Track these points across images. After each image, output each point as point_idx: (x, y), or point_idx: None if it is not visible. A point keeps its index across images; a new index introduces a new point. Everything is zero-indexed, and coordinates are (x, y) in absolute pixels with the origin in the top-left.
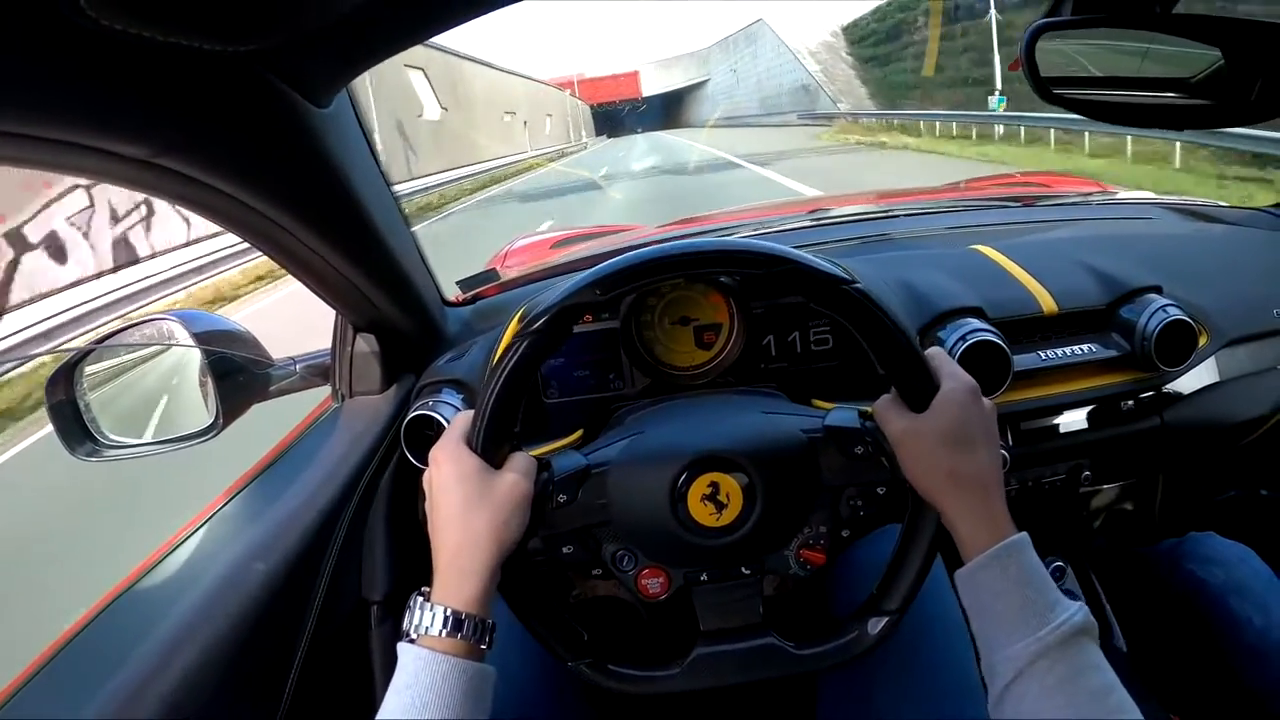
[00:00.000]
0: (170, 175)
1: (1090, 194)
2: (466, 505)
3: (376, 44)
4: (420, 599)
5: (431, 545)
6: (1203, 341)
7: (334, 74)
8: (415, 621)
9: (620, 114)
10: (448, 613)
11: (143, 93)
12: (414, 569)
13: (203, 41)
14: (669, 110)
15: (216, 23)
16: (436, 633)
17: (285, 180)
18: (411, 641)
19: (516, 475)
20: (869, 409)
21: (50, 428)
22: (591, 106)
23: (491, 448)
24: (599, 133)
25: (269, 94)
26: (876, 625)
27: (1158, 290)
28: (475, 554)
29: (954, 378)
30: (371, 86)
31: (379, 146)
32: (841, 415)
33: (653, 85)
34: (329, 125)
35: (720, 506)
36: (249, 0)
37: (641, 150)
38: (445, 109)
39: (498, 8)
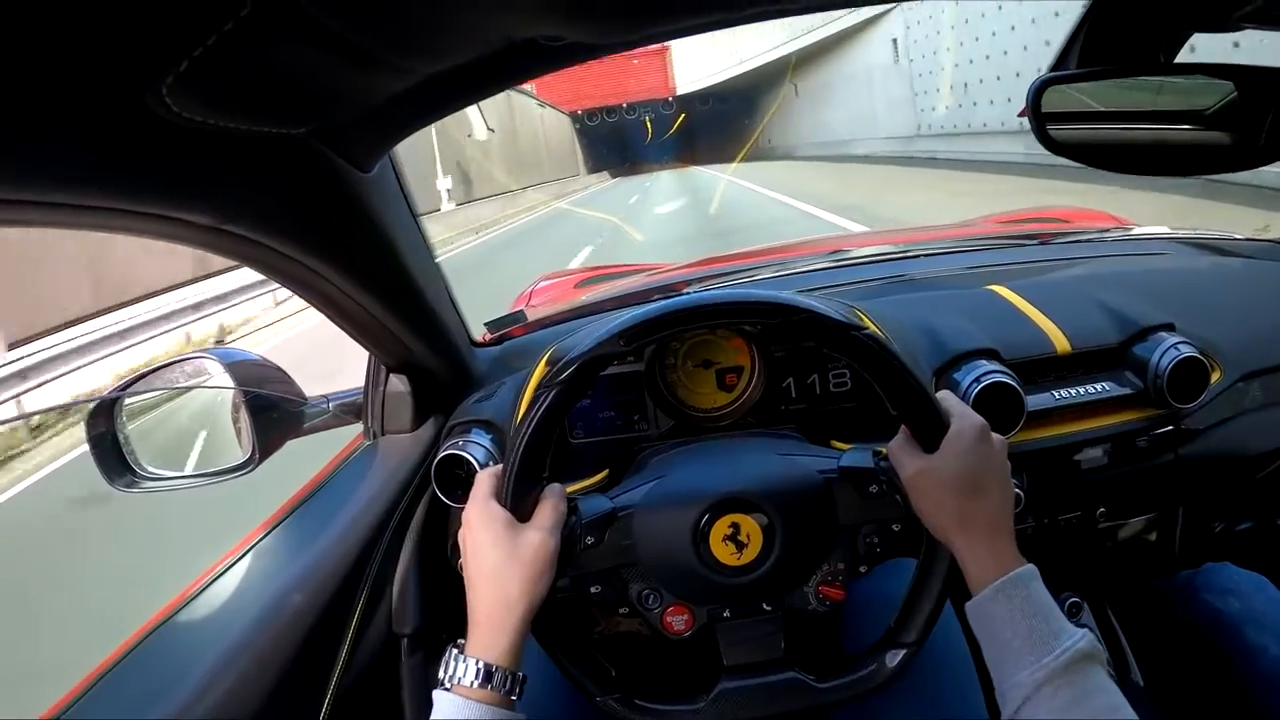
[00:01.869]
0: (233, 238)
1: (1106, 230)
2: (498, 567)
3: (415, 117)
4: (455, 650)
5: (467, 599)
6: (1215, 377)
7: (377, 143)
8: (450, 672)
9: (632, 131)
10: (479, 665)
11: (211, 169)
12: (443, 605)
13: (266, 126)
14: (707, 130)
15: (279, 112)
16: (469, 683)
17: (333, 238)
18: (447, 690)
19: (543, 533)
20: (883, 449)
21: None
22: (577, 117)
23: (520, 500)
24: (596, 168)
25: (320, 165)
26: (895, 658)
27: (1170, 328)
28: (507, 613)
29: (963, 418)
30: None
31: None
32: (856, 456)
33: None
34: (372, 187)
35: (741, 546)
36: (307, 93)
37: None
38: None
39: (526, 80)
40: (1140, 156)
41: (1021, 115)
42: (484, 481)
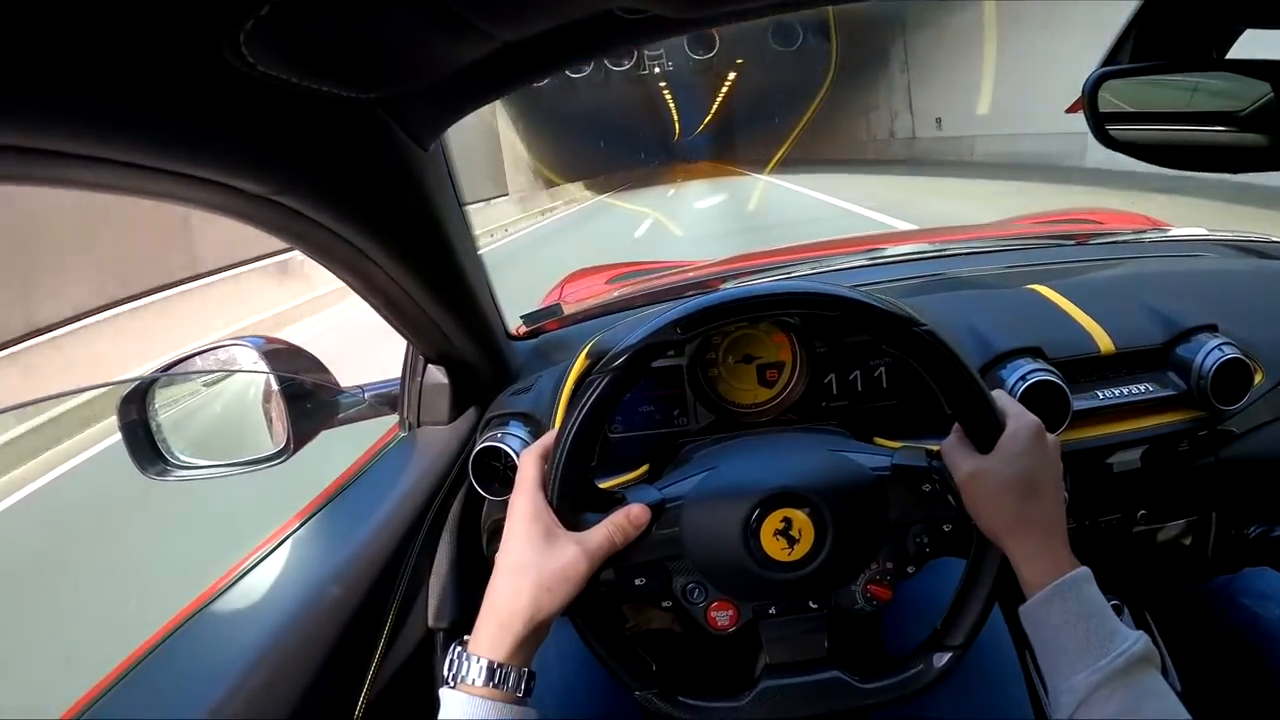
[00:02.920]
0: (283, 211)
1: (1144, 231)
2: (518, 569)
3: (482, 91)
4: (459, 648)
5: (488, 587)
6: (1258, 379)
7: (440, 117)
8: (454, 670)
9: (637, 111)
10: (483, 663)
11: (272, 132)
12: (480, 599)
13: (337, 88)
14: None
15: (354, 72)
16: (472, 682)
17: (384, 217)
18: (452, 688)
19: (579, 554)
20: (935, 448)
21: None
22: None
23: (568, 490)
24: (572, 172)
25: (383, 137)
26: (941, 660)
27: (1213, 329)
28: (515, 613)
29: (1019, 418)
30: None
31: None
32: (909, 454)
33: None
34: (428, 166)
35: (792, 541)
36: (384, 55)
37: None
38: None
39: (597, 58)
40: (1190, 152)
41: (1072, 110)
42: (530, 465)
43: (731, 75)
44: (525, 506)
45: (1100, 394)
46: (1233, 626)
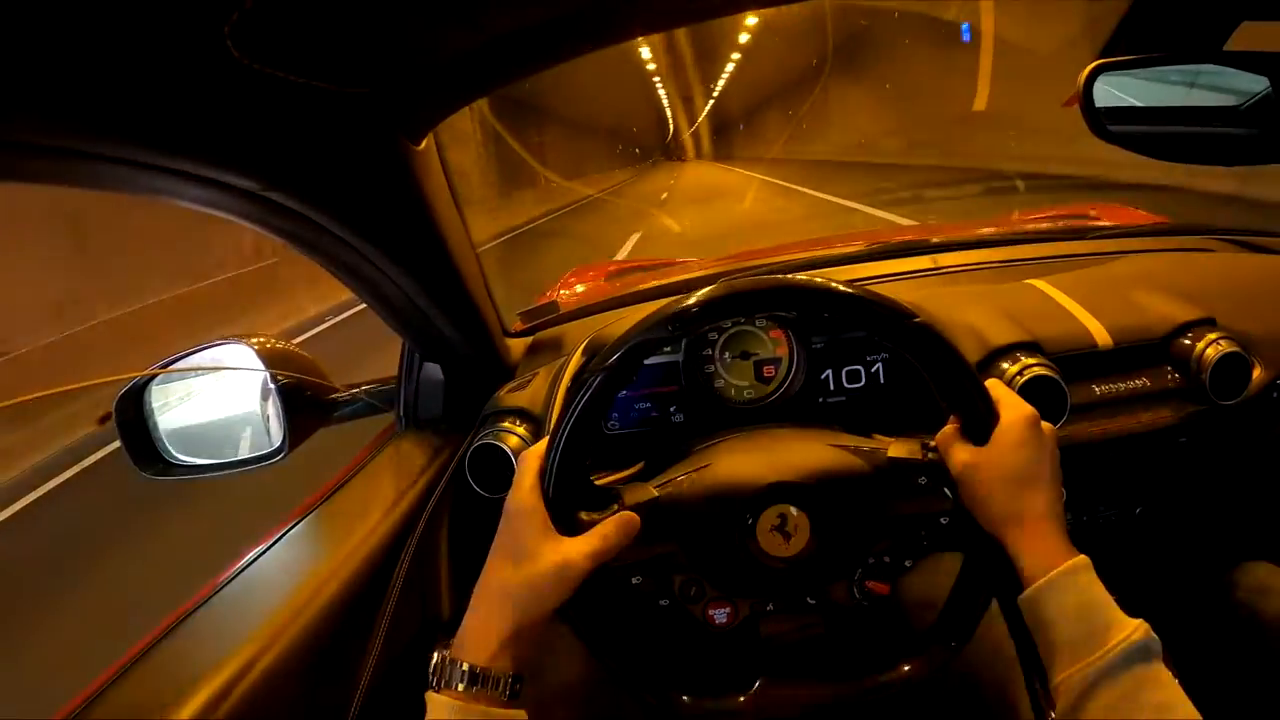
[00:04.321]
0: (273, 208)
1: (1142, 225)
2: (510, 563)
3: (473, 85)
4: (443, 653)
5: (476, 584)
6: (1258, 373)
7: (432, 113)
8: (438, 675)
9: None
10: (464, 667)
11: (259, 127)
12: None
13: (327, 82)
14: None
15: (344, 66)
16: (455, 687)
17: (376, 213)
18: (435, 690)
19: (571, 558)
20: (931, 440)
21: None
22: None
23: (562, 488)
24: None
25: (374, 131)
26: (939, 654)
27: (1211, 323)
28: (504, 615)
29: (1014, 409)
30: None
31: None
32: (904, 447)
33: None
34: (420, 161)
35: (788, 537)
36: (374, 46)
37: None
38: None
39: (587, 51)
40: (1185, 145)
41: (1069, 104)
42: (529, 464)
43: None
44: (519, 506)
45: (1097, 389)
46: (1233, 620)
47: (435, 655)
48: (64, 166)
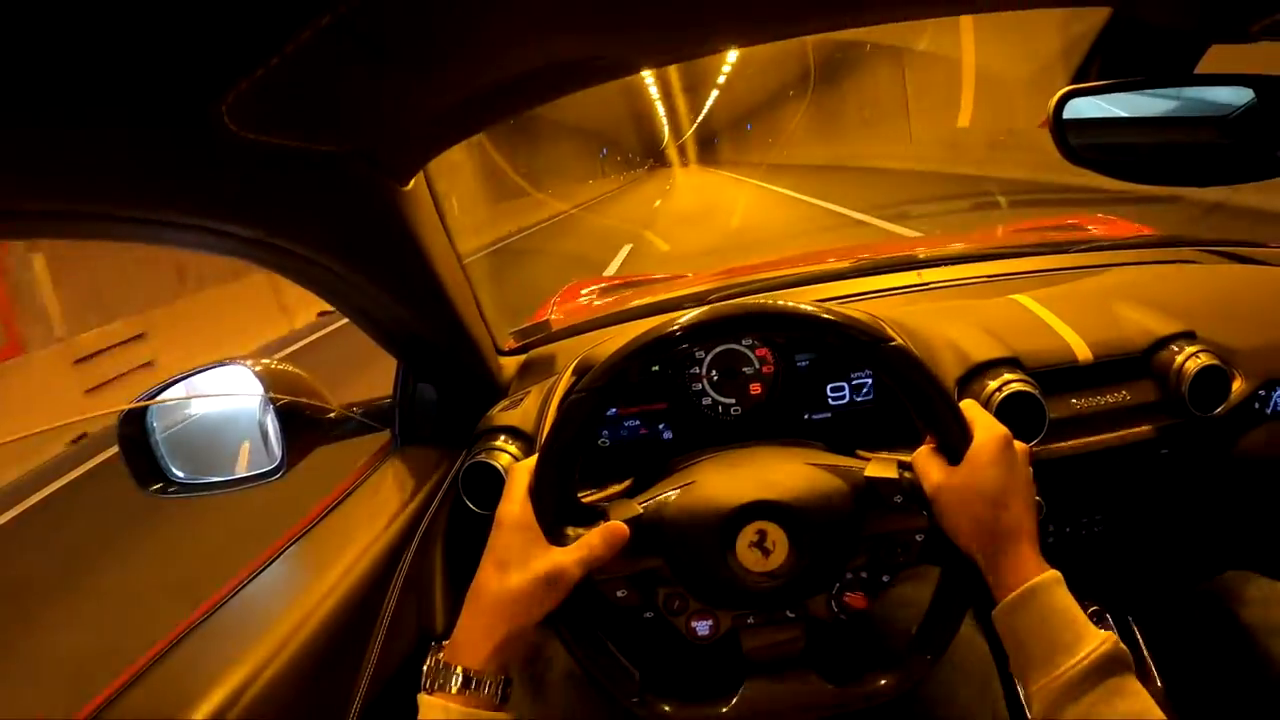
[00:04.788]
0: (278, 251)
1: (1126, 238)
2: (504, 571)
3: (453, 134)
4: (437, 657)
5: (467, 594)
6: (1237, 386)
7: (416, 159)
8: (432, 677)
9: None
10: (457, 670)
11: (262, 185)
12: None
13: (317, 144)
14: None
15: (330, 130)
16: (449, 690)
17: (370, 250)
18: (429, 693)
19: (560, 567)
20: (908, 459)
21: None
22: None
23: (549, 505)
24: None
25: (363, 180)
26: (916, 666)
27: (1191, 336)
28: (495, 619)
29: (987, 430)
30: None
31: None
32: (881, 466)
33: None
34: (409, 200)
35: (767, 553)
36: (357, 112)
37: None
38: None
39: (565, 94)
40: (1161, 167)
41: (1043, 126)
42: (519, 477)
43: None
44: (510, 517)
45: (1077, 403)
46: (1215, 631)
47: (429, 659)
48: (80, 227)
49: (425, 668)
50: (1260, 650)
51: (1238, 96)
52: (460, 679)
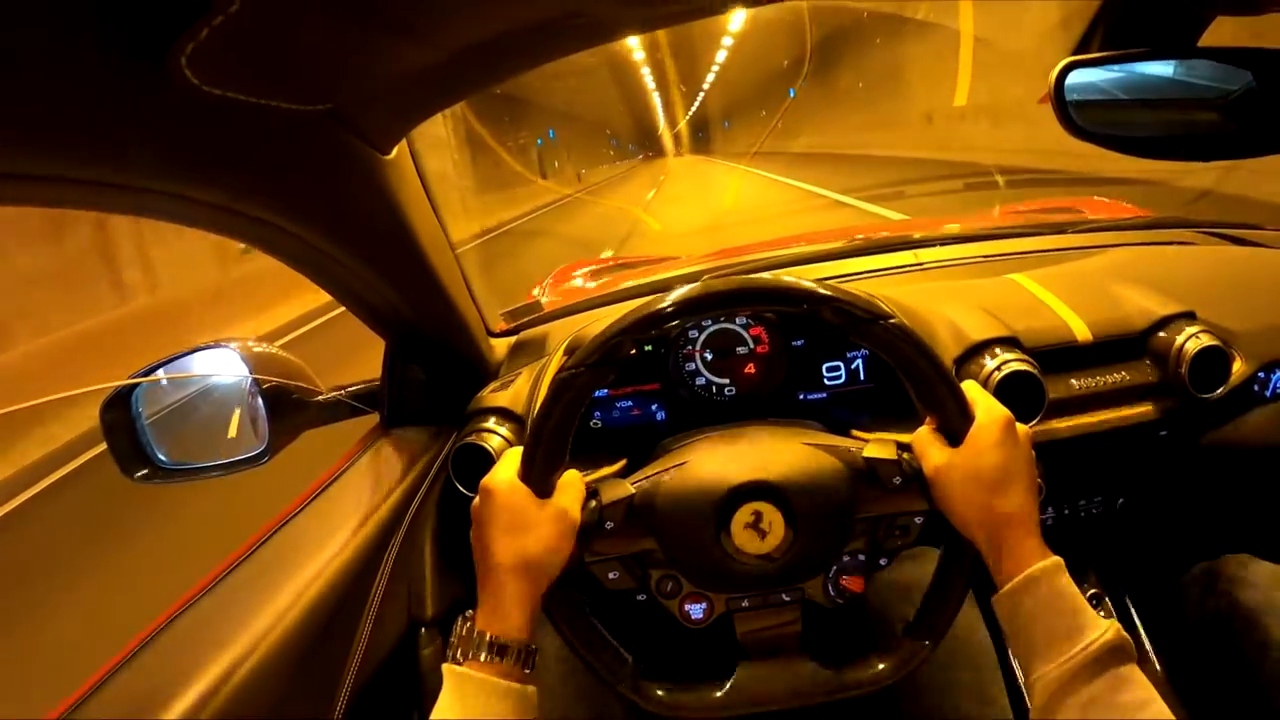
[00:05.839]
0: (243, 219)
1: (1125, 219)
2: (513, 533)
3: (436, 96)
4: (465, 624)
5: (478, 572)
6: (1237, 367)
7: (397, 124)
8: (464, 646)
9: None
10: (489, 639)
11: (225, 145)
12: (461, 593)
13: (288, 102)
14: None
15: (301, 86)
16: (480, 658)
17: (350, 222)
18: (457, 664)
19: (565, 505)
20: (907, 439)
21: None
22: None
23: (542, 481)
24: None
25: (339, 145)
26: (914, 651)
27: (1191, 316)
28: (519, 583)
29: (989, 411)
30: None
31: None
32: (880, 447)
33: None
34: (391, 170)
35: (762, 534)
36: (330, 67)
37: None
38: None
39: (546, 61)
40: (1161, 142)
41: (1043, 101)
42: (507, 458)
43: None
44: (500, 484)
45: (1076, 383)
46: (1213, 613)
47: (459, 625)
48: (31, 190)
49: (454, 635)
50: (1258, 632)
51: (1241, 73)
52: (493, 647)
